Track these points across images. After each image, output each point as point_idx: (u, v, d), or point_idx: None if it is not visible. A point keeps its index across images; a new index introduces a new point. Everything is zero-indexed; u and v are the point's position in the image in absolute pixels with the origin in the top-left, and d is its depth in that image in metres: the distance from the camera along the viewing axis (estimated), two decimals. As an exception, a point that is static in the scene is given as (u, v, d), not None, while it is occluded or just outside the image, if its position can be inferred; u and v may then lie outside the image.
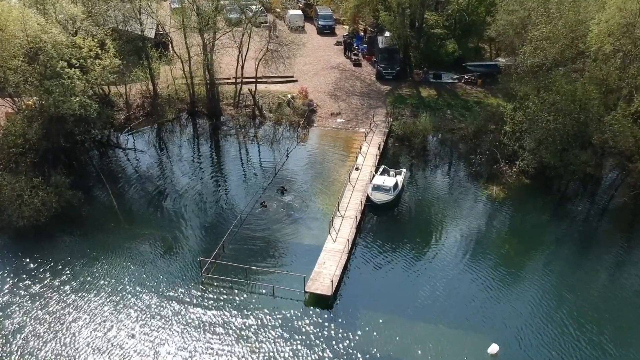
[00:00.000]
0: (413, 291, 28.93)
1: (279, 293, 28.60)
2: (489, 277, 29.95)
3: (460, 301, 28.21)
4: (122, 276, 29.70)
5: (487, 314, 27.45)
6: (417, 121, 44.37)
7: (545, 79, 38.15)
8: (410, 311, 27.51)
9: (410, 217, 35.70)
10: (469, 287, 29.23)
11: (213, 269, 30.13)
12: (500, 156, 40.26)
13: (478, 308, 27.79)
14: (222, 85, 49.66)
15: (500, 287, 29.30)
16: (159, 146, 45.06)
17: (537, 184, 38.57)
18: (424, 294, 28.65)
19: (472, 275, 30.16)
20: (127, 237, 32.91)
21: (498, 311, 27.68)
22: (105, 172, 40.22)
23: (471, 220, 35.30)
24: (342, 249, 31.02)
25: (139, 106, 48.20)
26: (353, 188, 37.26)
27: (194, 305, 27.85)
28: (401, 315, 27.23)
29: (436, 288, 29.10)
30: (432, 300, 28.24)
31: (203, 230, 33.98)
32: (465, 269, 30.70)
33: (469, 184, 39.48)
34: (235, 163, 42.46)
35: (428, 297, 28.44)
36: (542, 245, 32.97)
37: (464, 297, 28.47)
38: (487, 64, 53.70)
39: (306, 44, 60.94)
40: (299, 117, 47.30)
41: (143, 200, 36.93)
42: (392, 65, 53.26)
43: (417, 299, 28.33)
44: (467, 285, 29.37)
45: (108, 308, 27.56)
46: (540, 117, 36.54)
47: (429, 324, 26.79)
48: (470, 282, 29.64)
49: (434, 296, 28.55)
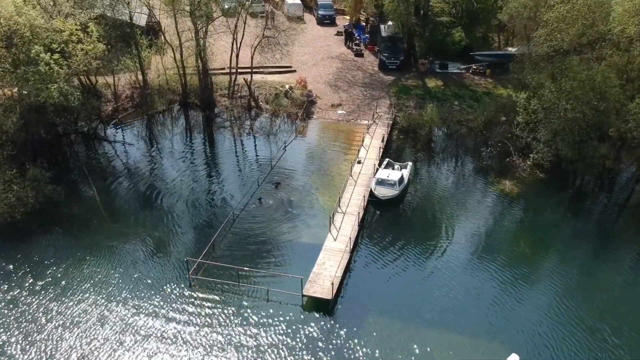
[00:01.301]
0: (422, 295, 26.31)
1: (274, 297, 25.96)
2: (505, 279, 27.36)
3: (474, 306, 25.62)
4: (103, 278, 27.08)
5: (504, 320, 24.88)
6: (423, 112, 41.76)
7: (561, 64, 35.44)
8: (419, 317, 24.92)
9: (417, 214, 33.02)
10: (483, 290, 26.63)
11: (202, 270, 27.54)
12: (512, 149, 37.71)
13: (494, 313, 25.23)
14: (216, 76, 47.05)
15: (516, 290, 26.70)
16: (149, 139, 42.43)
17: (552, 179, 36.04)
18: (433, 298, 26.03)
19: (485, 276, 27.57)
20: (111, 235, 30.31)
21: (515, 317, 25.08)
22: (90, 167, 37.69)
23: (482, 217, 32.69)
24: (343, 248, 28.38)
25: (128, 97, 45.49)
26: (355, 182, 34.63)
27: (179, 310, 25.21)
28: (409, 322, 24.64)
29: (447, 291, 26.51)
30: (443, 305, 25.62)
31: (193, 228, 31.35)
32: (478, 269, 28.09)
33: (479, 179, 36.83)
34: (229, 157, 39.81)
35: (438, 302, 25.82)
36: (559, 245, 30.41)
37: (478, 301, 25.88)
38: (496, 53, 51.07)
39: (305, 33, 58.66)
40: (297, 108, 44.64)
41: (129, 197, 34.30)
42: (396, 54, 50.54)
43: (426, 303, 25.72)
44: (481, 288, 26.77)
45: (86, 314, 24.91)
46: (557, 105, 33.83)
47: (441, 331, 24.17)
48: (483, 284, 27.05)
49: (445, 301, 25.93)
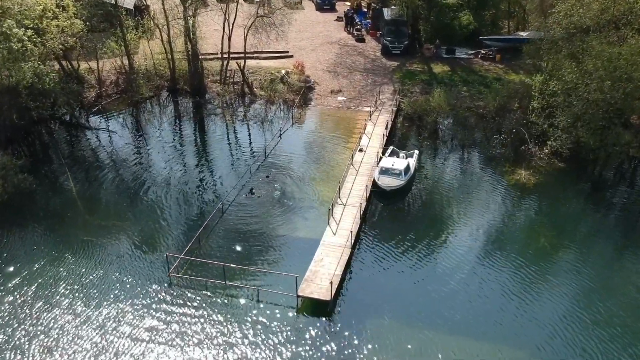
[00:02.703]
0: (431, 296, 23.20)
1: (265, 298, 22.89)
2: (520, 278, 24.19)
3: (489, 309, 22.50)
4: (76, 276, 24.01)
5: (518, 324, 21.74)
6: (430, 97, 38.66)
7: (582, 43, 32.33)
8: (428, 321, 21.80)
9: (425, 206, 29.93)
10: (497, 291, 23.48)
11: (184, 267, 24.51)
12: (528, 136, 34.65)
13: (508, 316, 22.10)
14: (207, 61, 44.01)
15: (532, 290, 23.51)
16: (133, 126, 39.34)
17: (571, 168, 33.03)
18: (444, 300, 22.93)
19: (499, 275, 24.41)
20: (88, 229, 27.28)
21: (531, 319, 21.91)
22: (69, 156, 34.71)
23: (495, 209, 29.59)
24: (343, 243, 25.34)
25: (113, 83, 42.51)
26: (357, 172, 31.59)
27: (156, 313, 22.11)
28: (417, 326, 21.55)
29: (458, 292, 23.41)
30: (454, 308, 22.49)
31: (177, 221, 28.24)
32: (491, 267, 24.95)
33: (492, 168, 33.70)
34: (220, 145, 36.69)
35: (449, 303, 22.70)
36: (580, 240, 27.24)
37: (492, 304, 22.75)
38: (506, 37, 48.06)
39: (304, 18, 55.84)
40: (294, 94, 41.58)
41: (110, 188, 31.20)
42: (400, 39, 47.46)
43: (436, 305, 22.61)
44: (495, 288, 23.61)
45: (53, 316, 21.90)
46: (579, 86, 30.73)
47: (451, 336, 21.07)
48: (497, 283, 23.89)
49: (457, 302, 22.81)
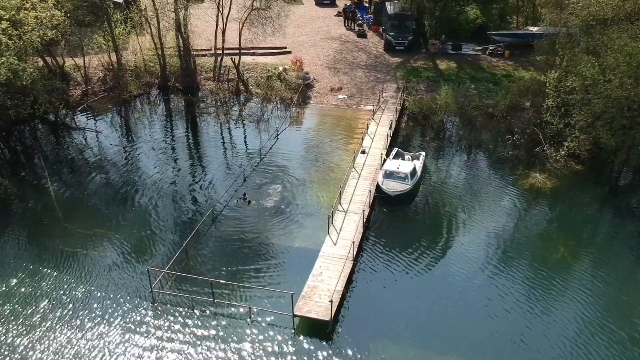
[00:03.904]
0: (442, 315, 20.80)
1: (258, 317, 20.53)
2: (541, 295, 21.76)
3: (506, 329, 20.14)
4: (51, 291, 21.75)
5: (540, 345, 19.41)
6: (436, 96, 36.29)
7: (601, 36, 29.96)
8: (440, 344, 19.42)
9: (434, 213, 27.47)
10: (516, 309, 21.08)
11: (169, 282, 22.16)
12: (542, 137, 32.29)
13: (529, 337, 19.72)
14: (200, 57, 41.69)
15: (553, 307, 21.15)
16: (121, 126, 37.04)
17: (590, 171, 30.73)
18: (457, 319, 20.52)
19: (517, 291, 21.97)
20: (66, 239, 25.03)
21: (552, 340, 19.59)
22: (50, 157, 32.51)
23: (510, 216, 27.20)
24: (344, 255, 22.97)
25: (100, 80, 40.19)
26: (359, 175, 29.24)
27: (137, 334, 19.77)
28: (428, 350, 19.22)
29: (473, 310, 21.02)
30: (469, 328, 20.12)
31: (163, 230, 25.85)
32: (508, 281, 22.54)
33: (504, 171, 31.29)
34: (213, 146, 34.26)
35: (463, 323, 20.31)
36: (601, 250, 24.91)
37: (512, 323, 20.40)
38: (515, 32, 45.64)
39: (303, 13, 53.53)
40: (292, 92, 39.22)
41: (92, 192, 28.81)
42: (404, 34, 45.10)
43: (448, 325, 20.20)
44: (513, 306, 21.21)
45: (21, 338, 19.59)
46: (600, 82, 28.35)
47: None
48: (515, 301, 21.45)
49: (472, 322, 20.42)
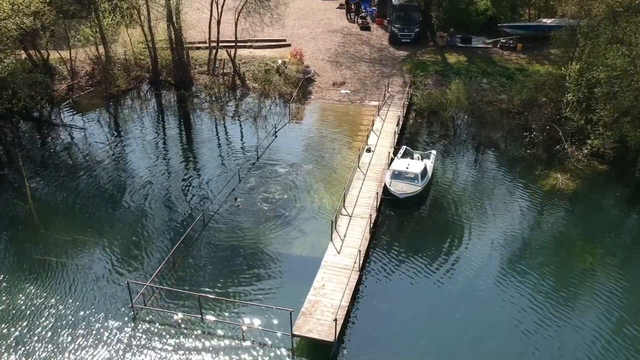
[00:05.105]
0: (462, 333, 18.33)
1: (252, 337, 18.09)
2: (568, 309, 19.25)
3: (538, 350, 17.70)
4: (22, 305, 19.29)
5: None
6: (447, 90, 33.84)
7: (629, 23, 27.47)
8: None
9: (448, 218, 24.82)
10: (542, 325, 18.67)
11: (152, 295, 19.71)
12: (562, 134, 29.84)
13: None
14: (193, 51, 39.29)
15: (582, 321, 18.71)
16: (108, 123, 34.54)
17: (615, 171, 28.27)
18: (478, 338, 18.09)
19: (544, 305, 19.49)
20: (42, 245, 22.60)
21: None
22: (29, 156, 30.05)
23: (533, 221, 24.72)
24: (350, 265, 20.50)
25: (88, 74, 37.75)
26: (364, 176, 26.79)
27: (115, 354, 17.34)
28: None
29: (494, 325, 18.58)
30: (492, 346, 17.69)
31: (149, 236, 23.35)
32: (537, 293, 20.03)
33: (522, 171, 28.78)
34: (207, 144, 31.73)
35: (484, 342, 17.87)
36: (630, 257, 22.47)
37: (543, 341, 17.95)
38: (528, 24, 43.14)
39: (303, 5, 51.12)
40: (291, 87, 36.75)
41: (73, 194, 26.31)
42: (410, 26, 42.64)
43: (468, 346, 17.77)
44: (548, 321, 18.75)
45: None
46: (630, 73, 25.83)
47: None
48: (541, 315, 19.02)
49: (494, 339, 17.97)
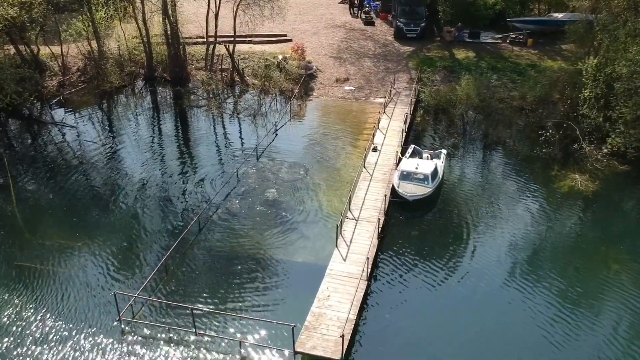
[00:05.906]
0: (481, 348, 16.74)
1: (250, 354, 16.44)
2: (593, 322, 17.67)
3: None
4: (7, 320, 17.72)
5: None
6: (456, 87, 32.26)
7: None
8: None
9: (461, 222, 23.10)
10: (566, 338, 17.09)
11: (142, 308, 18.08)
12: (579, 132, 28.24)
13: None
14: (190, 46, 37.76)
15: (610, 332, 17.17)
16: (101, 121, 32.97)
17: (638, 171, 26.68)
18: (498, 352, 16.50)
19: (574, 316, 17.89)
20: (24, 251, 20.98)
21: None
22: (15, 155, 28.47)
23: (553, 225, 22.98)
24: (357, 273, 18.86)
25: (80, 70, 36.18)
26: (370, 177, 25.17)
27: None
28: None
29: (515, 338, 16.91)
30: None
31: (141, 241, 21.74)
32: (557, 301, 18.42)
33: (538, 172, 27.19)
34: (203, 143, 30.12)
35: (504, 356, 16.35)
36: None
37: (567, 355, 16.41)
38: (539, 19, 41.65)
39: (304, 2, 49.60)
40: (292, 83, 35.18)
41: (61, 197, 24.69)
42: (416, 20, 41.15)
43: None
44: (568, 332, 17.18)
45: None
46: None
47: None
48: (563, 328, 17.43)
49: (515, 354, 16.41)
